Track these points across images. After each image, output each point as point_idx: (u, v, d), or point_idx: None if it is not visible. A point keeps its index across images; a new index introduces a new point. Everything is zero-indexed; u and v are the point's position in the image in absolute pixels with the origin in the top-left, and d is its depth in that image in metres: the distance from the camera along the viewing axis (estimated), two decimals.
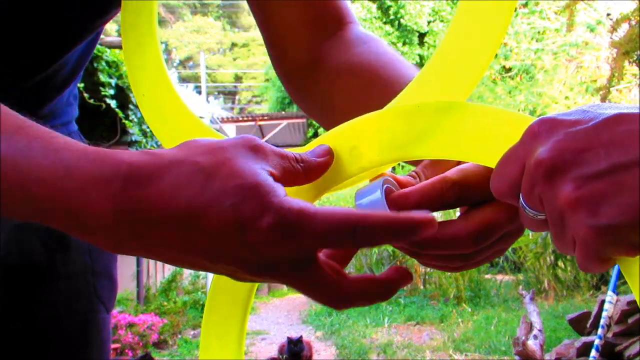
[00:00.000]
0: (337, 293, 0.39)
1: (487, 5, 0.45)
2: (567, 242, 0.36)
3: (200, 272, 8.03)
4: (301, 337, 4.93)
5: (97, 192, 0.36)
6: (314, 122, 13.21)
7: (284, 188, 0.38)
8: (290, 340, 4.84)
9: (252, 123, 12.06)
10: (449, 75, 0.46)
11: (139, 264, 6.92)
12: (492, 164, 0.41)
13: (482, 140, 0.42)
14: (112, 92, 4.82)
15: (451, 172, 0.45)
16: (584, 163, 0.34)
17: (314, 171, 0.44)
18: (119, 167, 0.36)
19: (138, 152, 0.38)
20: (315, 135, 12.63)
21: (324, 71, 0.64)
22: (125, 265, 6.69)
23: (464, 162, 0.47)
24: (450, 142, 0.43)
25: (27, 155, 0.37)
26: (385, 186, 0.43)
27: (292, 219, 0.36)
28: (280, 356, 4.91)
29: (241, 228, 0.36)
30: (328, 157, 0.45)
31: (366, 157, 0.46)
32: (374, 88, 0.58)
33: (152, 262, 7.82)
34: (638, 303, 0.37)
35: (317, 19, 0.65)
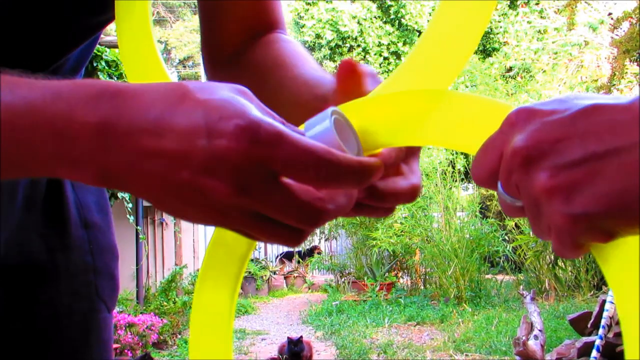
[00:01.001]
0: (309, 208, 0.38)
1: None
2: (543, 228, 0.38)
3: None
4: (301, 337, 4.93)
5: (83, 109, 0.37)
6: None
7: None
8: (290, 341, 4.84)
9: None
10: (431, 64, 0.46)
11: (138, 263, 6.92)
12: (474, 151, 0.42)
13: (463, 128, 0.43)
14: None
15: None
16: (560, 152, 0.35)
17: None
18: (107, 89, 0.38)
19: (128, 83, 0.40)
20: None
21: (241, 66, 0.69)
22: (125, 265, 6.69)
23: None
24: (432, 130, 0.45)
25: (13, 91, 0.37)
26: (333, 117, 0.42)
27: (266, 131, 0.36)
28: (280, 356, 4.91)
29: (208, 132, 0.36)
30: None
31: None
32: (274, 77, 0.62)
33: (151, 261, 7.81)
34: (610, 287, 0.38)
35: (251, 23, 0.71)
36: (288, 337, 4.92)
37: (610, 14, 10.31)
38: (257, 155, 0.36)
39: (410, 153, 0.48)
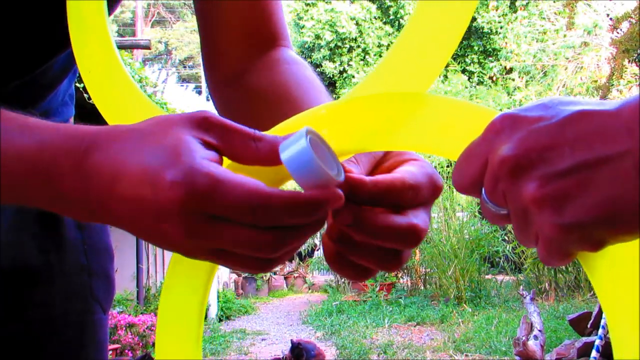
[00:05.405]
0: (263, 238, 0.39)
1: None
2: (530, 237, 0.37)
3: None
4: (315, 345, 4.91)
5: (66, 159, 0.41)
6: None
7: (216, 155, 0.40)
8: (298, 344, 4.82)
9: None
10: (409, 66, 0.44)
11: (138, 264, 6.92)
12: (453, 156, 0.41)
13: (443, 133, 0.42)
14: None
15: (404, 174, 0.43)
16: (549, 161, 0.34)
17: (272, 152, 0.42)
18: (83, 139, 0.42)
19: (104, 127, 0.44)
20: None
21: (244, 88, 0.66)
22: (125, 266, 6.69)
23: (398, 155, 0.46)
24: (412, 134, 0.43)
25: (5, 136, 0.42)
26: (309, 136, 0.40)
27: (200, 181, 0.38)
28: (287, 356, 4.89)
29: (152, 183, 0.38)
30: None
31: None
32: (281, 111, 0.58)
33: (152, 262, 7.81)
34: (598, 295, 0.38)
35: (253, 35, 0.68)
36: (295, 340, 4.91)
37: (608, 15, 10.30)
38: (195, 204, 0.38)
39: (419, 202, 0.44)
